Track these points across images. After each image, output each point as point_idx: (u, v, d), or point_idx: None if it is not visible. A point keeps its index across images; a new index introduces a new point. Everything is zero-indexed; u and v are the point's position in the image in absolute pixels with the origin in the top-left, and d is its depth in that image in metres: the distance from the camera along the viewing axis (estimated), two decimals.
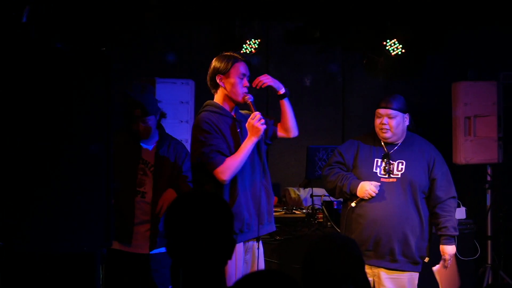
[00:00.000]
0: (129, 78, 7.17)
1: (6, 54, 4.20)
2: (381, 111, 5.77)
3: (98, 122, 4.35)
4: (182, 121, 7.03)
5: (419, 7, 7.87)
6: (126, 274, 5.67)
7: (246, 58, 5.23)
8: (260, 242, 5.18)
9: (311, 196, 7.37)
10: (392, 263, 5.64)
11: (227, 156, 4.96)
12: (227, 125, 5.06)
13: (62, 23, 6.53)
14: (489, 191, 7.80)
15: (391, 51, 8.03)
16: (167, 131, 5.88)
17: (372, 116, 5.91)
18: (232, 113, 5.15)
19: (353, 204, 5.70)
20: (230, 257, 2.96)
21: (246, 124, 5.02)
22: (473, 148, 7.49)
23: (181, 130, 6.96)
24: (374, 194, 5.62)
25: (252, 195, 5.09)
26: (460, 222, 6.97)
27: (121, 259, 5.61)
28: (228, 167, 4.93)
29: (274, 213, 6.69)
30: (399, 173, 5.71)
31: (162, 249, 5.61)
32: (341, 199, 6.08)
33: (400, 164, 5.73)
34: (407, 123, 5.81)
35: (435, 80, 8.48)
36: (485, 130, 7.50)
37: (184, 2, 7.90)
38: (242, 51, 7.88)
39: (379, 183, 5.66)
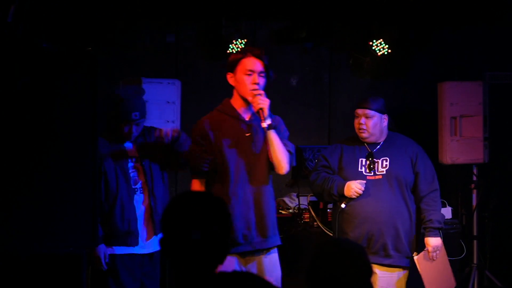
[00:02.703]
0: (115, 77, 7.16)
1: None
2: (359, 111, 5.89)
3: (84, 122, 4.34)
4: (168, 121, 7.01)
5: (405, 7, 7.88)
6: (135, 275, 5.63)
7: (258, 52, 4.93)
8: (272, 254, 5.06)
9: (298, 196, 7.37)
10: (386, 259, 5.73)
11: (204, 171, 4.87)
12: (232, 128, 4.91)
13: (48, 22, 6.50)
14: (475, 191, 7.83)
15: (377, 51, 8.04)
16: None
17: None
18: (246, 115, 4.96)
19: (342, 205, 5.77)
20: (221, 262, 2.95)
21: None
22: (459, 148, 7.51)
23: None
24: (360, 192, 5.71)
25: (254, 205, 4.92)
26: (446, 221, 7.00)
27: (133, 262, 5.57)
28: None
29: None
30: (384, 169, 5.82)
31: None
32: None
33: (384, 161, 5.83)
34: (385, 123, 5.92)
35: (421, 80, 8.50)
36: (471, 130, 7.52)
37: (170, 2, 7.88)
38: (228, 51, 7.86)
39: (364, 181, 5.74)
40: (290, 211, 7.31)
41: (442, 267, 5.95)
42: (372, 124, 5.84)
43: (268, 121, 4.81)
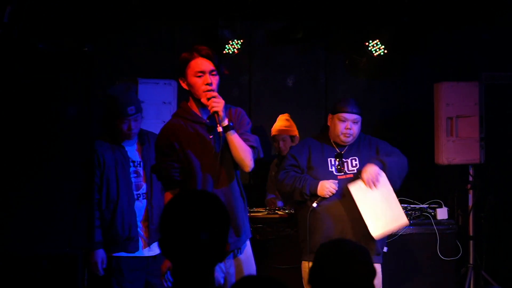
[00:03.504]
0: (112, 78, 7.15)
1: None
2: (347, 115, 5.89)
3: (79, 122, 4.34)
4: (164, 122, 6.99)
5: (402, 8, 7.88)
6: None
7: (205, 52, 4.78)
8: (246, 249, 4.97)
9: None
10: None
11: (175, 181, 4.75)
12: (194, 132, 4.78)
13: (44, 23, 6.50)
14: (471, 191, 7.83)
15: (374, 52, 8.04)
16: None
17: None
18: (205, 116, 4.83)
19: (314, 204, 5.82)
20: (221, 260, 2.96)
21: None
22: (455, 148, 7.52)
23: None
24: (334, 191, 5.78)
25: (226, 205, 4.79)
26: (442, 222, 7.01)
27: (133, 265, 5.55)
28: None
29: (256, 214, 6.68)
30: (355, 168, 5.87)
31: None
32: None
33: (353, 160, 5.89)
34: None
35: (417, 81, 8.50)
36: (467, 131, 7.53)
37: (166, 2, 7.88)
38: (224, 52, 7.87)
39: (336, 181, 5.76)
40: (287, 211, 7.30)
41: (384, 200, 5.78)
42: (358, 129, 5.94)
43: (225, 123, 4.66)
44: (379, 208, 5.77)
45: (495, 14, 8.07)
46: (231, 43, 7.92)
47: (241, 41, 7.98)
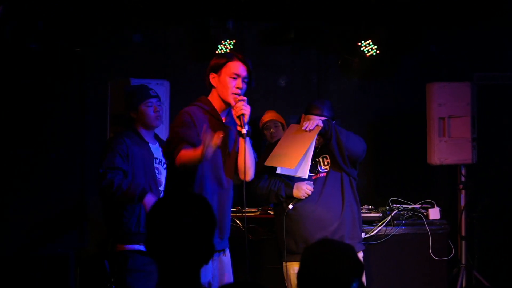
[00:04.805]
0: (104, 78, 7.14)
1: None
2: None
3: (72, 123, 4.34)
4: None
5: (394, 8, 7.89)
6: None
7: (245, 59, 4.91)
8: (227, 252, 5.02)
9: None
10: None
11: (195, 145, 4.61)
12: (212, 126, 4.75)
13: (36, 23, 6.49)
14: (463, 191, 7.84)
15: (366, 52, 8.05)
16: None
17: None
18: (222, 116, 4.91)
19: (290, 206, 5.84)
20: (207, 262, 2.96)
21: None
22: (448, 148, 7.53)
23: (156, 131, 6.94)
24: (309, 193, 5.82)
25: (219, 207, 4.83)
26: (434, 222, 7.02)
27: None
28: (184, 156, 4.59)
29: (249, 214, 6.69)
30: (327, 166, 5.89)
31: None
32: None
33: (324, 159, 5.87)
34: None
35: (410, 81, 8.51)
36: (459, 131, 7.54)
37: (158, 2, 7.88)
38: (217, 52, 7.86)
39: (312, 182, 5.85)
40: None
41: (299, 145, 5.72)
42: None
43: (246, 128, 4.74)
44: (291, 145, 5.76)
45: (488, 14, 8.08)
46: (223, 43, 7.92)
47: (233, 41, 7.98)
